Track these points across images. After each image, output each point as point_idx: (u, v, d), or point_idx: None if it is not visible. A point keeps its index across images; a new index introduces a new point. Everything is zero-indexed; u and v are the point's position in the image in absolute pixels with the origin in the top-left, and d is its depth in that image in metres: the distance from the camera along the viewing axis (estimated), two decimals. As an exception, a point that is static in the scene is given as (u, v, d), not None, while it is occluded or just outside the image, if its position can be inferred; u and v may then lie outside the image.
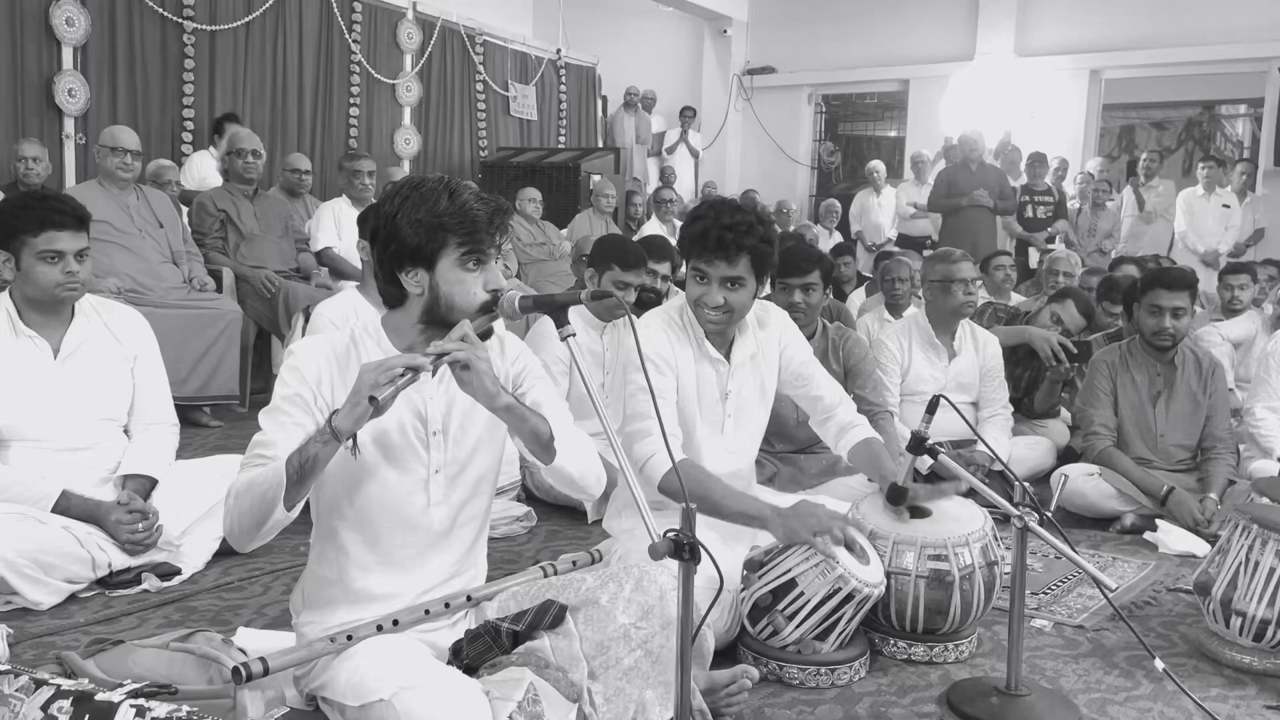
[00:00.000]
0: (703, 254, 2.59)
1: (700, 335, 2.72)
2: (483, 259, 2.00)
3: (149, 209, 5.12)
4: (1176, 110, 13.60)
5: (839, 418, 2.89)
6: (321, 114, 8.31)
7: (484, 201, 2.00)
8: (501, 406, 1.94)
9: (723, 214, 2.58)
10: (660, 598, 2.03)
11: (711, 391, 2.74)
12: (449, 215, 1.95)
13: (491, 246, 2.01)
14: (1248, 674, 2.54)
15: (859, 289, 7.30)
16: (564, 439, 2.06)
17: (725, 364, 2.74)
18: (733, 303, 2.62)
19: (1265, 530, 2.54)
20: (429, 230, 1.95)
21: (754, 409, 2.86)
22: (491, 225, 1.99)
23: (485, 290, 2.00)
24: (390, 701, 1.84)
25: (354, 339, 2.08)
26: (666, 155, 11.54)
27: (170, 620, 2.70)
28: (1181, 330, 3.81)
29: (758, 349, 2.81)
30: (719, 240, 2.55)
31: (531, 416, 2.00)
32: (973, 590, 2.53)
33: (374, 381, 1.79)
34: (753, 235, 2.56)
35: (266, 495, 1.85)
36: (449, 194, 1.97)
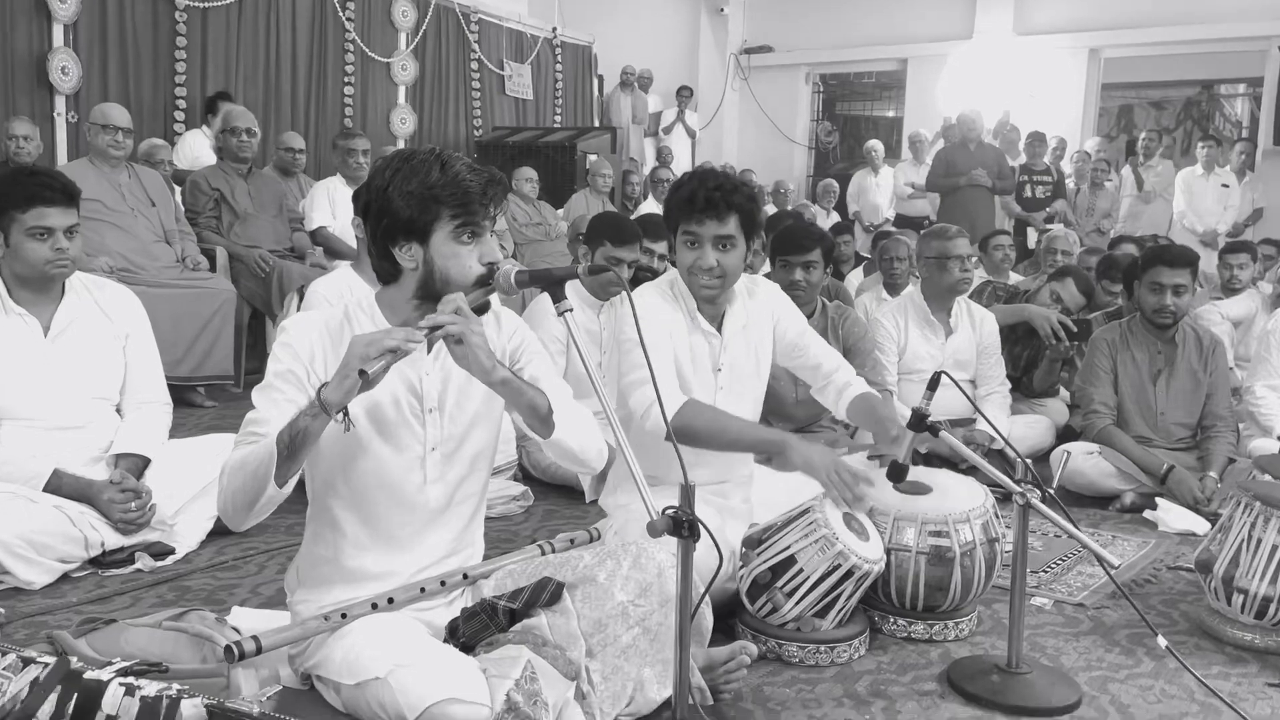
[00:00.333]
0: (692, 215, 2.59)
1: (693, 308, 2.69)
2: (477, 231, 1.96)
3: (141, 187, 5.07)
4: (1175, 90, 13.54)
5: (837, 380, 2.85)
6: (315, 92, 8.23)
7: (477, 173, 1.96)
8: (498, 381, 1.91)
9: (707, 177, 2.62)
10: (658, 575, 2.01)
11: (704, 364, 2.72)
12: (441, 187, 1.92)
13: (486, 218, 1.97)
14: (1249, 652, 2.53)
15: (857, 269, 7.28)
16: (563, 412, 2.03)
17: (718, 336, 2.72)
18: (725, 265, 2.60)
19: (1268, 507, 2.52)
20: (421, 202, 1.92)
21: (748, 381, 2.83)
22: (485, 196, 1.95)
23: (481, 264, 1.97)
24: (385, 680, 1.82)
25: (347, 315, 2.04)
26: (663, 135, 11.47)
27: (164, 600, 2.67)
28: (1182, 308, 3.78)
29: (749, 320, 2.78)
30: (708, 200, 2.56)
31: (529, 390, 1.97)
32: (973, 567, 2.51)
33: (364, 354, 1.76)
34: (739, 194, 2.59)
35: (258, 472, 1.83)
36: (441, 165, 1.94)
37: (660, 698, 1.99)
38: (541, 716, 1.79)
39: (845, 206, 10.31)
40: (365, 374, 1.74)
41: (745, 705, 2.18)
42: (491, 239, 2.02)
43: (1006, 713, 2.18)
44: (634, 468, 1.90)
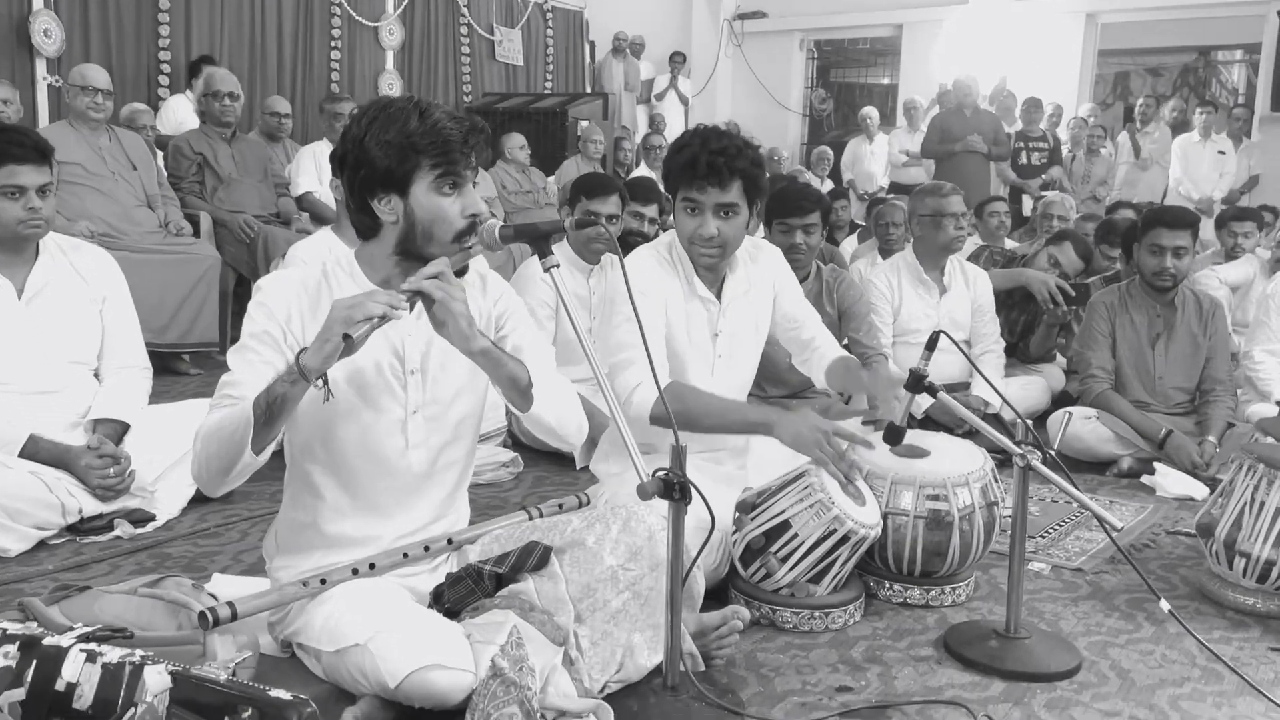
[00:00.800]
0: (693, 182, 2.47)
1: (690, 273, 2.61)
2: (458, 182, 1.88)
3: (122, 151, 4.97)
4: (1172, 56, 13.42)
5: (818, 349, 2.82)
6: (301, 57, 8.10)
7: (458, 121, 1.88)
8: (477, 351, 1.83)
9: (710, 139, 2.47)
10: (649, 539, 1.95)
11: (702, 331, 2.64)
12: (420, 135, 1.84)
13: (467, 168, 1.90)
14: (1251, 616, 2.48)
15: (851, 236, 7.20)
16: (543, 385, 1.96)
17: (716, 303, 2.64)
18: (726, 233, 2.50)
19: (1272, 470, 2.47)
20: (400, 152, 1.84)
21: (747, 349, 2.76)
22: (466, 145, 1.87)
23: (463, 216, 1.89)
24: (366, 646, 1.76)
25: (326, 273, 1.96)
26: (656, 102, 11.34)
27: (143, 567, 2.61)
28: (1182, 270, 3.72)
29: (750, 286, 2.70)
30: (710, 165, 2.43)
31: (509, 362, 1.90)
32: (972, 531, 2.46)
33: (347, 318, 1.68)
34: (743, 158, 2.45)
35: (234, 438, 1.76)
36: (419, 113, 1.86)
37: (650, 664, 1.93)
38: (527, 682, 1.74)
39: (839, 174, 10.21)
40: (350, 338, 1.67)
41: (738, 671, 2.13)
42: (473, 190, 1.94)
43: (1005, 678, 2.13)
44: (624, 431, 1.85)
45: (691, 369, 2.64)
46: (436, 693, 1.73)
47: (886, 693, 2.07)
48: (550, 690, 1.81)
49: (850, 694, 2.06)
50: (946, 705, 2.02)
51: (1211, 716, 2.02)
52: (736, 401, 2.67)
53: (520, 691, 1.73)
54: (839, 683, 2.10)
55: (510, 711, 1.70)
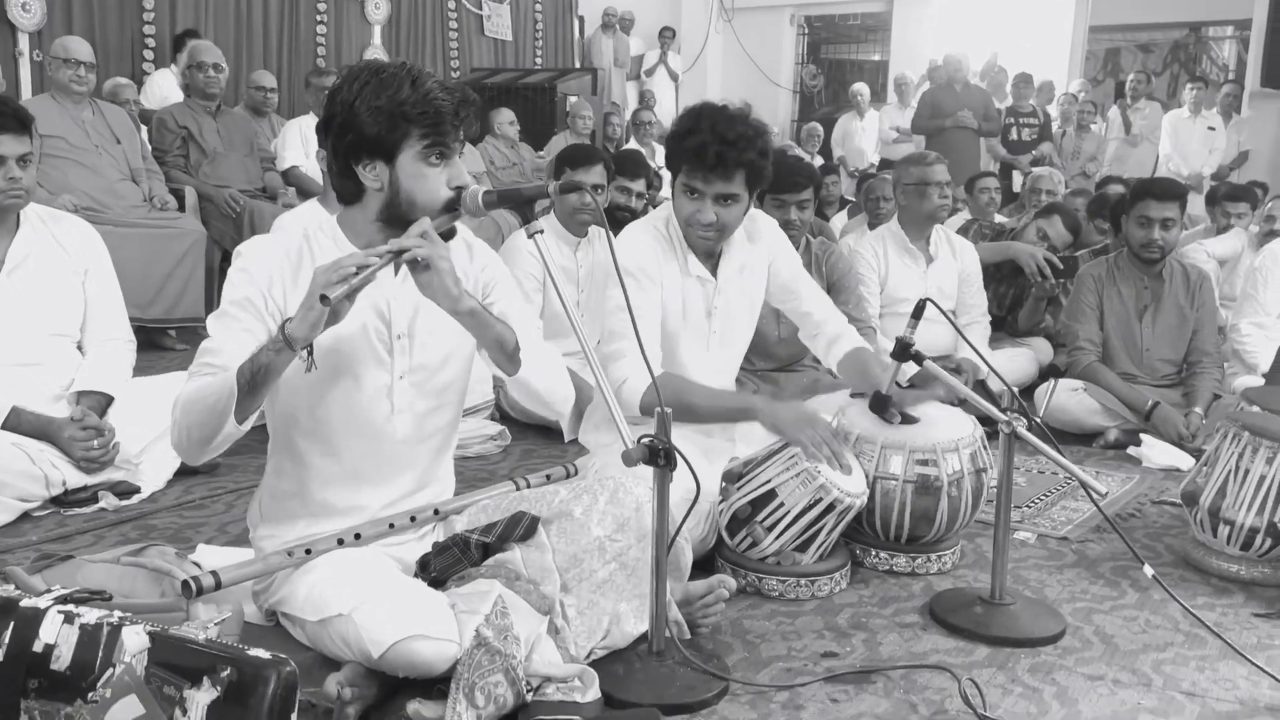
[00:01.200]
0: (698, 170, 2.43)
1: (686, 250, 2.60)
2: (446, 153, 1.87)
3: (105, 124, 4.92)
4: (1163, 33, 13.37)
5: (828, 330, 2.79)
6: (287, 31, 8.03)
7: (449, 92, 1.86)
8: (464, 310, 1.82)
9: (720, 126, 2.39)
10: (636, 510, 1.95)
11: (697, 308, 2.63)
12: (412, 105, 1.81)
13: (455, 140, 1.88)
14: (1234, 583, 2.50)
15: (841, 212, 7.19)
16: (530, 350, 1.95)
17: (712, 280, 2.62)
18: (725, 219, 2.49)
19: (1256, 437, 2.48)
20: (390, 120, 1.82)
21: (741, 325, 2.76)
22: (457, 117, 1.86)
23: (449, 187, 1.87)
24: (350, 616, 1.76)
25: (307, 238, 1.94)
26: (645, 78, 11.27)
27: (127, 538, 2.60)
28: (1170, 242, 3.72)
29: (746, 262, 2.68)
30: (718, 157, 2.38)
31: (496, 324, 1.89)
32: (960, 497, 2.46)
33: (325, 281, 1.66)
34: (751, 149, 2.40)
35: (216, 407, 1.74)
36: (412, 81, 1.83)
37: (636, 631, 1.94)
38: (512, 651, 1.74)
39: (830, 151, 10.18)
40: (327, 299, 1.65)
41: (724, 638, 2.14)
42: (460, 162, 1.92)
43: (990, 643, 2.14)
44: (611, 403, 1.84)
45: (686, 347, 2.63)
46: (420, 662, 1.72)
47: (871, 658, 2.08)
48: (535, 658, 1.81)
49: (835, 659, 2.07)
50: (931, 670, 2.02)
51: (1194, 680, 2.03)
52: (723, 390, 2.67)
53: (505, 660, 1.73)
54: (824, 649, 2.10)
55: (495, 680, 1.70)
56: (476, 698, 1.68)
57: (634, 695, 1.84)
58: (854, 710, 1.88)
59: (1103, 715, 1.89)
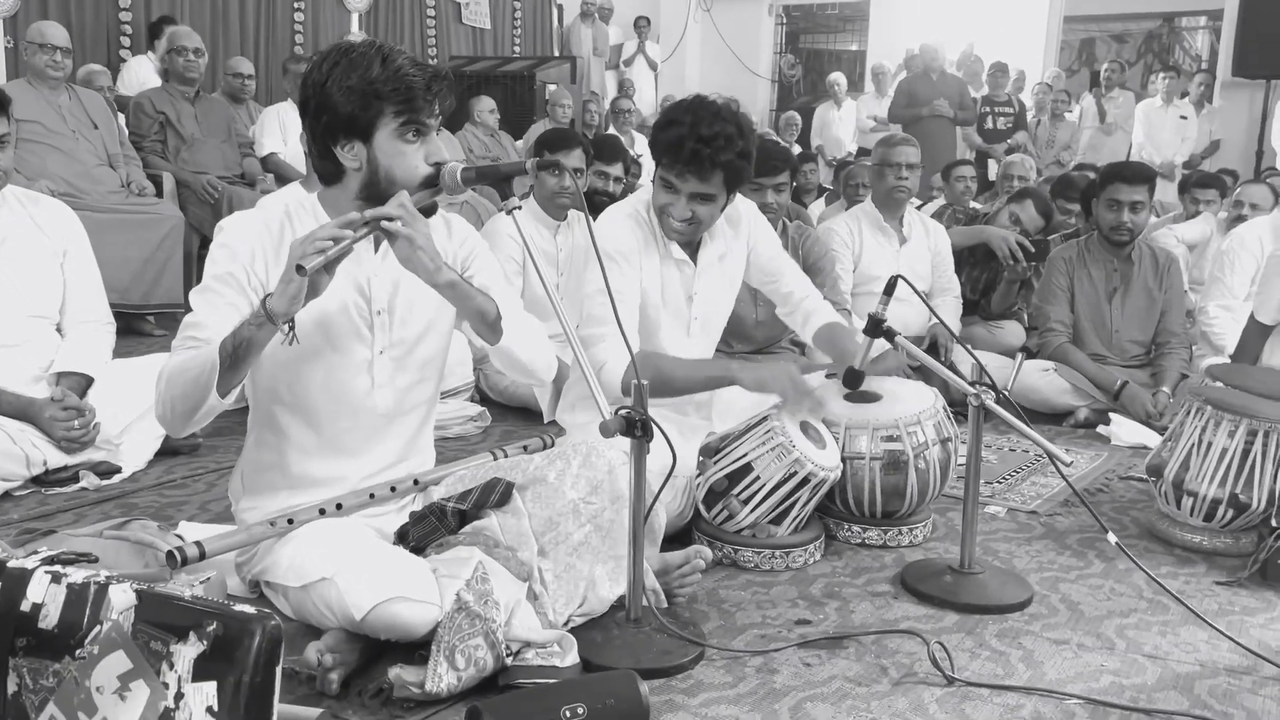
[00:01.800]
0: (674, 165, 2.42)
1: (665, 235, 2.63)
2: (422, 130, 1.89)
3: (82, 109, 4.90)
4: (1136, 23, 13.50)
5: (805, 306, 2.83)
6: (264, 19, 7.99)
7: (421, 68, 1.88)
8: (443, 282, 1.85)
9: (701, 122, 2.37)
10: (609, 472, 1.99)
11: (677, 293, 2.65)
12: (383, 82, 1.84)
13: (430, 116, 1.90)
14: (1197, 553, 2.57)
15: (819, 199, 7.24)
16: (512, 320, 1.98)
17: (691, 265, 2.64)
18: (700, 215, 2.49)
19: (1219, 411, 2.54)
20: (363, 98, 1.84)
21: (720, 309, 2.79)
22: (430, 92, 1.88)
23: (427, 163, 1.90)
24: (333, 580, 1.79)
25: (288, 213, 1.97)
26: (624, 68, 11.28)
27: (109, 517, 2.61)
28: (1139, 225, 3.79)
29: (727, 249, 2.70)
30: (693, 154, 2.37)
31: (476, 295, 1.92)
32: (929, 469, 2.52)
33: (301, 252, 1.69)
34: (730, 150, 2.37)
35: (199, 380, 1.77)
36: (382, 59, 1.86)
37: (612, 595, 1.98)
38: (492, 615, 1.77)
39: (808, 140, 10.24)
40: (303, 269, 1.67)
41: (700, 607, 2.18)
42: (437, 139, 1.95)
43: (959, 610, 2.19)
44: (590, 379, 1.88)
45: (666, 331, 2.65)
46: (401, 625, 1.76)
47: (844, 625, 2.13)
48: (515, 623, 1.84)
49: (809, 626, 2.12)
50: (901, 635, 2.07)
51: (1156, 644, 2.09)
52: (700, 360, 2.69)
53: (485, 624, 1.77)
54: (798, 617, 2.15)
55: (475, 643, 1.74)
56: (457, 660, 1.72)
57: (612, 660, 1.87)
58: (826, 674, 1.93)
59: (1066, 676, 1.95)
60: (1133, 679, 1.95)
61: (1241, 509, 2.51)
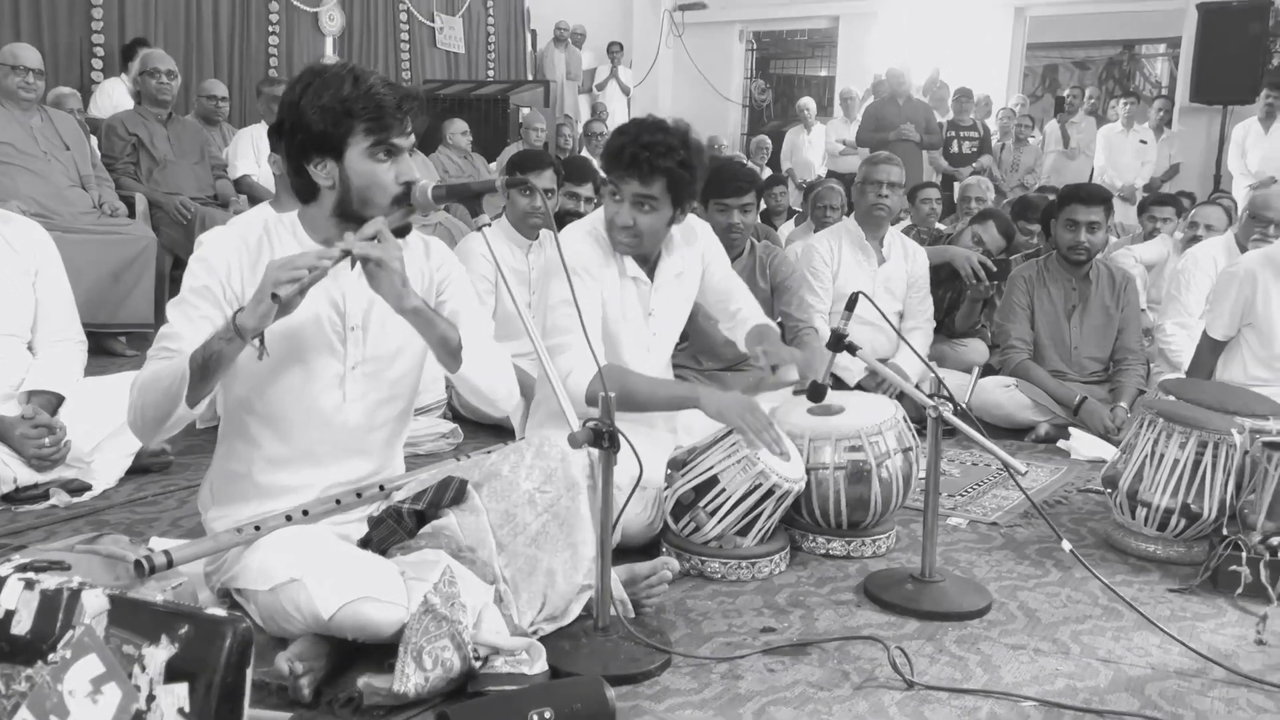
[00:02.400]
0: (617, 169, 2.52)
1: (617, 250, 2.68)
2: (393, 149, 1.94)
3: (54, 131, 4.91)
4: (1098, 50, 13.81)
5: (741, 316, 2.93)
6: (239, 41, 8.03)
7: (391, 87, 1.93)
8: (409, 308, 1.90)
9: (644, 132, 2.50)
10: (561, 460, 2.03)
11: (636, 310, 2.71)
12: (354, 100, 1.88)
13: (401, 135, 1.94)
14: (1151, 562, 2.63)
15: (789, 221, 7.34)
16: (474, 349, 2.02)
17: (648, 282, 2.70)
18: (642, 225, 2.55)
19: (1170, 424, 2.62)
20: (334, 116, 1.89)
21: (676, 327, 2.86)
22: (400, 110, 1.92)
23: (397, 182, 1.94)
24: (301, 581, 1.81)
25: (267, 230, 2.00)
26: (597, 92, 11.40)
27: (79, 533, 2.61)
28: (1097, 244, 3.89)
29: (684, 268, 2.78)
30: (634, 158, 2.47)
31: (441, 322, 1.96)
32: (891, 478, 2.58)
33: (277, 279, 1.73)
34: (671, 157, 2.47)
35: (170, 390, 1.80)
36: (354, 79, 1.90)
37: (570, 586, 1.99)
38: (459, 617, 1.80)
39: (778, 163, 10.37)
40: (278, 298, 1.72)
41: (667, 616, 2.22)
42: (408, 158, 2.00)
43: (920, 618, 2.25)
44: (559, 392, 1.92)
45: (627, 348, 2.71)
46: (369, 625, 1.78)
47: (807, 632, 2.18)
48: (484, 627, 1.87)
49: (773, 634, 2.16)
50: (863, 641, 2.12)
51: (1109, 649, 2.15)
52: (665, 379, 2.76)
53: (452, 626, 1.80)
54: (763, 625, 2.20)
55: (442, 645, 1.77)
56: (424, 660, 1.75)
57: (580, 667, 1.91)
58: (790, 679, 1.97)
59: (1023, 680, 2.00)
60: (1086, 682, 2.00)
61: (1193, 518, 2.58)
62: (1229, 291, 3.64)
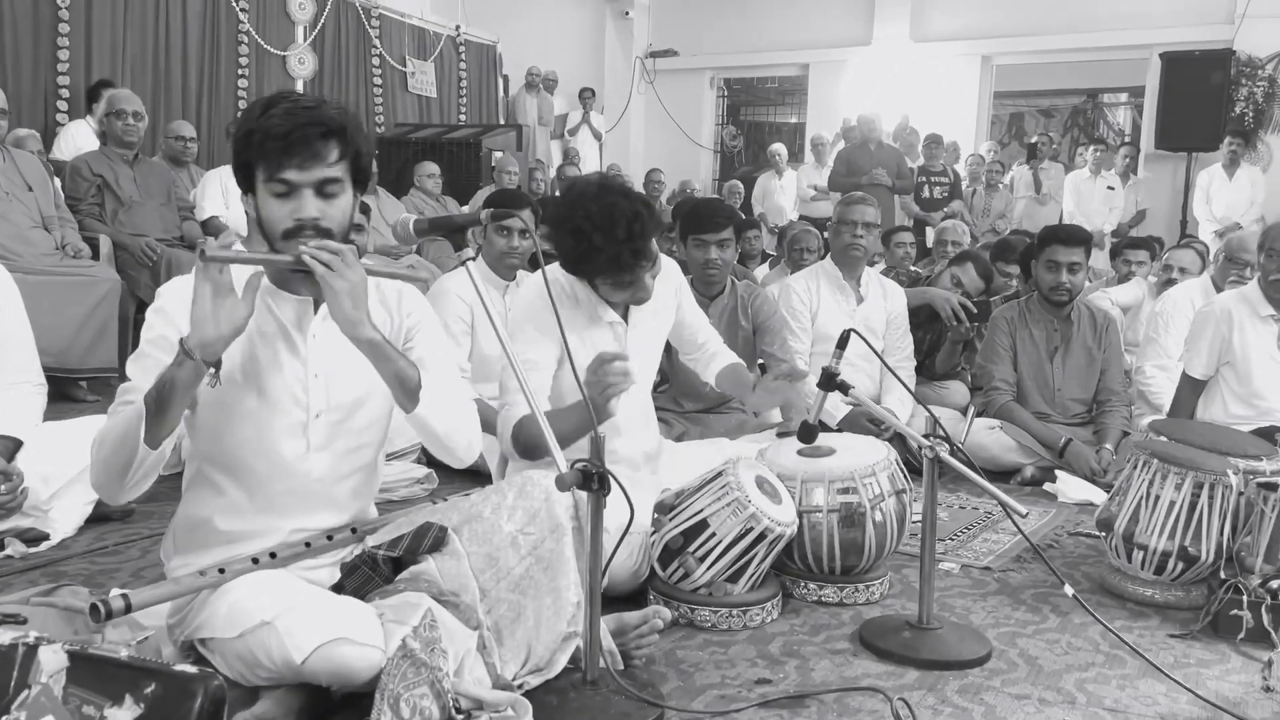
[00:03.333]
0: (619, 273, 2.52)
1: (594, 297, 2.61)
2: (287, 193, 1.78)
3: (17, 171, 4.81)
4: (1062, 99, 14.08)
5: (709, 349, 2.96)
6: (208, 83, 7.96)
7: (292, 115, 1.77)
8: (364, 338, 1.79)
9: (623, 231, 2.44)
10: (545, 499, 1.94)
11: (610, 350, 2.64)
12: (257, 131, 1.78)
13: (296, 169, 1.77)
14: (1150, 606, 2.57)
15: (763, 265, 7.33)
16: (436, 393, 1.92)
17: (623, 324, 2.66)
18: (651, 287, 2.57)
19: (1165, 464, 2.57)
20: (240, 147, 1.80)
21: (650, 365, 2.83)
22: (290, 141, 1.75)
23: (291, 218, 1.79)
24: (273, 624, 1.70)
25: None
26: (569, 137, 11.43)
27: (35, 584, 2.49)
28: (1077, 285, 3.88)
29: (660, 305, 2.75)
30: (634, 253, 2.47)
31: (398, 359, 1.86)
32: (885, 521, 2.51)
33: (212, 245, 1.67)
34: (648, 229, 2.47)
35: (128, 434, 1.71)
36: (265, 107, 1.80)
37: (553, 635, 1.89)
38: (439, 664, 1.70)
39: (750, 208, 10.41)
40: (205, 254, 1.65)
41: (658, 668, 2.12)
42: (309, 194, 1.79)
43: (918, 666, 2.16)
44: (547, 432, 1.85)
45: None
46: (344, 669, 1.68)
47: (804, 683, 2.09)
48: (466, 676, 1.77)
49: (769, 686, 2.07)
50: (863, 692, 2.04)
51: (1116, 697, 2.08)
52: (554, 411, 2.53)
53: (431, 673, 1.70)
54: (758, 676, 2.11)
55: (420, 692, 1.67)
56: (401, 709, 1.64)
57: (568, 724, 1.81)
58: (789, 733, 1.88)
59: (1030, 731, 1.93)
60: (1095, 732, 1.93)
61: (1191, 561, 2.53)
62: (1205, 331, 3.65)
